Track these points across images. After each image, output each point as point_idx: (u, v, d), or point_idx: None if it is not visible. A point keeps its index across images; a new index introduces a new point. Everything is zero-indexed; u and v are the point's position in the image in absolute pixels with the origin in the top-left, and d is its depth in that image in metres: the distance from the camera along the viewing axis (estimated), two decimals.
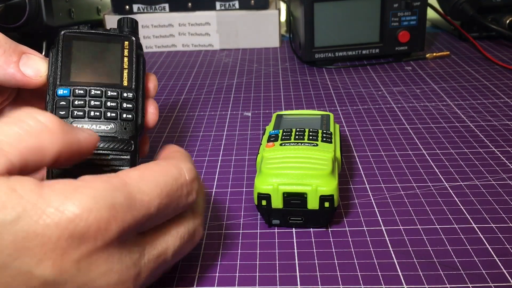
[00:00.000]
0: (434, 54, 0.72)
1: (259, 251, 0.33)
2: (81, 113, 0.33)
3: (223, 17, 0.81)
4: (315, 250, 0.33)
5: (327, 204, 0.33)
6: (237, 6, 0.80)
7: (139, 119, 0.34)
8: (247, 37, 0.82)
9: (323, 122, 0.41)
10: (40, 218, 0.22)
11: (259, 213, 0.36)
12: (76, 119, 0.33)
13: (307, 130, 0.38)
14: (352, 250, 0.33)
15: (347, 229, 0.35)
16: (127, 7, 0.81)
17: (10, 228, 0.21)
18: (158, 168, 0.26)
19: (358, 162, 0.44)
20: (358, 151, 0.46)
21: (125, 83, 0.34)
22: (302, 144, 0.36)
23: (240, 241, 0.34)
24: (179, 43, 0.83)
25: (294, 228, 0.35)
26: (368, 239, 0.34)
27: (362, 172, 0.42)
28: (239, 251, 0.33)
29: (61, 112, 0.33)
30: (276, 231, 0.35)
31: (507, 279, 0.29)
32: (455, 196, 0.38)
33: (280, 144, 0.37)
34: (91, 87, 0.33)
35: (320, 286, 0.30)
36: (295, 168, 0.34)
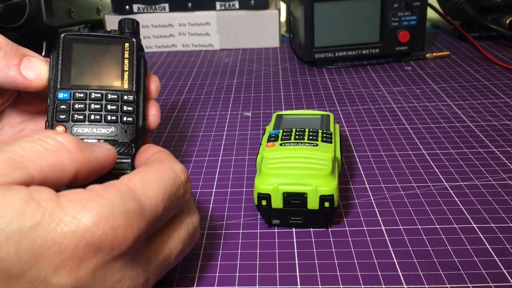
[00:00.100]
0: (434, 54, 0.72)
1: (259, 251, 0.33)
2: (81, 116, 0.33)
3: (223, 17, 0.81)
4: (315, 250, 0.33)
5: (327, 204, 0.33)
6: (237, 6, 0.80)
7: (140, 121, 0.34)
8: (247, 37, 0.82)
9: (323, 122, 0.41)
10: (58, 226, 0.22)
11: (259, 213, 0.36)
12: (76, 123, 0.33)
13: (307, 130, 0.38)
14: (352, 250, 0.33)
15: (347, 229, 0.35)
16: (127, 7, 0.81)
17: (29, 235, 0.21)
18: (156, 172, 0.27)
19: (358, 162, 0.44)
20: (358, 151, 0.46)
21: (125, 86, 0.34)
22: (302, 144, 0.36)
23: (240, 241, 0.34)
24: (179, 43, 0.83)
25: (294, 228, 0.35)
26: (368, 239, 0.34)
27: (362, 172, 0.42)
28: (239, 251, 0.33)
29: (61, 116, 0.33)
30: (276, 231, 0.35)
31: (507, 279, 0.29)
32: (455, 196, 0.38)
33: (280, 144, 0.37)
34: (91, 90, 0.33)
35: (320, 286, 0.30)
36: (295, 168, 0.34)
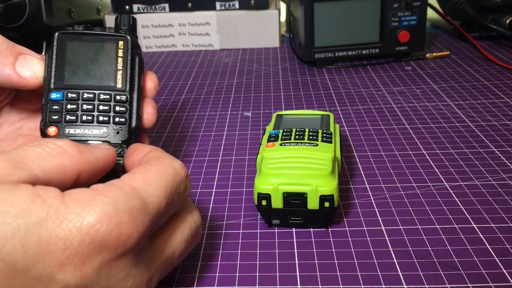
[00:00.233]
0: (434, 54, 0.72)
1: (259, 251, 0.33)
2: (73, 117, 0.32)
3: (223, 17, 0.81)
4: (315, 250, 0.33)
5: (327, 204, 0.33)
6: (237, 6, 0.80)
7: (133, 122, 0.33)
8: (247, 37, 0.82)
9: (323, 122, 0.41)
10: (62, 223, 0.22)
11: (259, 213, 0.36)
12: (68, 124, 0.33)
13: (307, 130, 0.38)
14: (352, 250, 0.33)
15: (347, 229, 0.35)
16: (127, 7, 0.81)
17: (34, 231, 0.22)
18: (156, 169, 0.27)
19: (358, 162, 0.44)
20: (358, 151, 0.46)
21: (118, 85, 0.33)
22: (302, 144, 0.36)
23: (240, 241, 0.34)
24: (179, 43, 0.83)
25: (294, 228, 0.35)
26: (368, 239, 0.34)
27: (362, 172, 0.42)
28: (239, 251, 0.33)
29: (54, 117, 0.32)
30: (276, 231, 0.35)
31: (507, 279, 0.29)
32: (455, 196, 0.38)
33: (280, 144, 0.37)
34: (84, 90, 0.33)
35: (320, 286, 0.30)
36: (295, 168, 0.34)
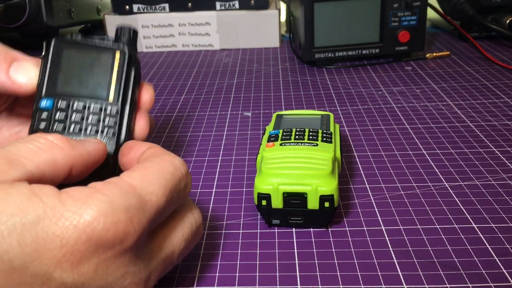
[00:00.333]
0: (434, 54, 0.72)
1: (259, 251, 0.33)
2: (61, 127, 0.32)
3: (223, 17, 0.81)
4: (315, 250, 0.33)
5: (327, 204, 0.33)
6: (237, 6, 0.80)
7: (122, 135, 0.33)
8: (247, 37, 0.82)
9: (323, 122, 0.41)
10: (59, 221, 0.22)
11: (259, 213, 0.36)
12: (55, 133, 0.31)
13: (307, 130, 0.38)
14: (352, 250, 0.33)
15: (347, 229, 0.35)
16: (127, 7, 0.81)
17: (31, 229, 0.22)
18: (155, 166, 0.27)
19: (358, 162, 0.44)
20: (358, 151, 0.46)
21: (110, 97, 0.33)
22: (302, 144, 0.36)
23: (240, 241, 0.34)
24: (179, 43, 0.83)
25: (294, 228, 0.35)
26: (368, 239, 0.34)
27: (362, 172, 0.42)
28: (239, 251, 0.33)
29: (41, 125, 0.32)
30: (276, 231, 0.35)
31: (507, 279, 0.29)
32: (455, 196, 0.38)
33: (280, 144, 0.37)
34: (75, 100, 0.32)
35: (320, 286, 0.30)
36: (295, 168, 0.34)
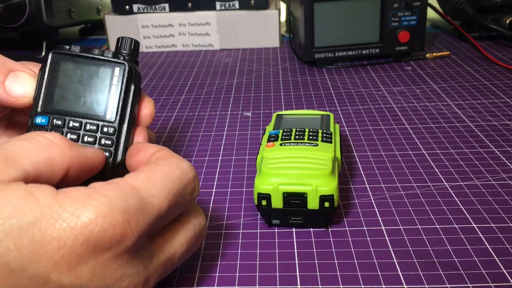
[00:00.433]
0: (434, 54, 0.72)
1: (259, 251, 0.33)
2: None
3: (223, 17, 0.81)
4: (315, 250, 0.33)
5: (327, 204, 0.33)
6: (237, 6, 0.80)
7: (118, 156, 0.31)
8: (247, 37, 0.82)
9: (323, 122, 0.41)
10: (56, 222, 0.22)
11: (259, 213, 0.36)
12: None
13: (307, 130, 0.38)
14: (352, 250, 0.33)
15: (347, 229, 0.35)
16: (127, 7, 0.81)
17: (28, 231, 0.22)
18: (162, 169, 0.26)
19: (358, 162, 0.44)
20: (358, 151, 0.46)
21: (108, 116, 0.31)
22: (302, 144, 0.36)
23: (240, 241, 0.34)
24: (179, 43, 0.83)
25: (294, 228, 0.35)
26: (368, 239, 0.34)
27: (362, 172, 0.42)
28: (239, 251, 0.33)
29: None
30: (276, 231, 0.35)
31: (507, 279, 0.29)
32: (455, 196, 0.38)
33: (280, 144, 0.37)
34: (70, 118, 0.31)
35: (320, 286, 0.30)
36: (295, 168, 0.34)
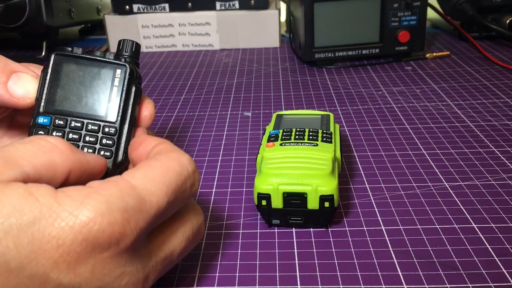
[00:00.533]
0: (434, 54, 0.72)
1: (259, 251, 0.33)
2: None
3: (223, 17, 0.81)
4: (315, 250, 0.33)
5: (327, 204, 0.33)
6: (237, 6, 0.80)
7: (119, 156, 0.32)
8: (247, 37, 0.82)
9: (323, 122, 0.41)
10: (55, 221, 0.22)
11: (259, 213, 0.36)
12: None
13: (307, 130, 0.38)
14: (352, 250, 0.33)
15: (347, 229, 0.35)
16: (127, 7, 0.81)
17: (27, 230, 0.22)
18: (160, 165, 0.26)
19: (358, 162, 0.44)
20: (358, 151, 0.46)
21: (109, 116, 0.32)
22: (302, 144, 0.36)
23: (240, 241, 0.34)
24: (179, 43, 0.83)
25: (294, 228, 0.35)
26: (368, 239, 0.34)
27: (362, 172, 0.42)
28: (239, 251, 0.33)
29: None
30: (276, 231, 0.35)
31: (507, 279, 0.29)
32: (455, 196, 0.38)
33: (280, 144, 0.37)
34: (72, 118, 0.32)
35: (320, 286, 0.30)
36: (295, 168, 0.34)
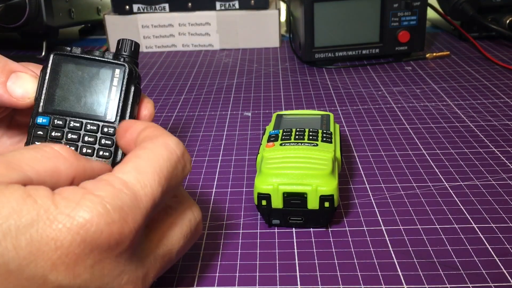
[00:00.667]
0: (434, 54, 0.72)
1: (259, 251, 0.33)
2: None
3: (223, 17, 0.81)
4: (315, 250, 0.33)
5: (327, 204, 0.33)
6: (237, 6, 0.80)
7: (118, 156, 0.32)
8: (247, 37, 0.82)
9: (323, 122, 0.41)
10: (52, 224, 0.22)
11: (259, 213, 0.36)
12: None
13: (307, 130, 0.38)
14: (352, 250, 0.33)
15: (347, 229, 0.35)
16: (127, 7, 0.81)
17: (25, 232, 0.22)
18: (148, 154, 0.26)
19: (358, 162, 0.44)
20: (358, 151, 0.46)
21: (108, 116, 0.32)
22: (302, 144, 0.36)
23: (240, 241, 0.34)
24: (179, 43, 0.83)
25: (294, 228, 0.35)
26: (368, 239, 0.34)
27: (362, 172, 0.42)
28: (239, 251, 0.33)
29: (37, 143, 0.31)
30: (276, 231, 0.35)
31: (507, 279, 0.29)
32: (455, 196, 0.38)
33: (280, 144, 0.37)
34: (71, 118, 0.32)
35: (320, 286, 0.30)
36: (295, 168, 0.34)
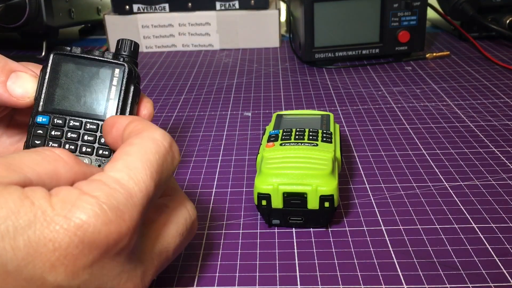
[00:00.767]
0: (434, 54, 0.72)
1: (259, 251, 0.33)
2: (55, 145, 0.31)
3: (223, 17, 0.81)
4: (315, 250, 0.33)
5: (327, 204, 0.33)
6: (237, 6, 0.80)
7: None
8: (247, 37, 0.82)
9: (323, 122, 0.41)
10: (49, 225, 0.22)
11: (259, 213, 0.36)
12: None
13: (307, 130, 0.38)
14: (352, 250, 0.33)
15: (347, 229, 0.35)
16: (127, 7, 0.81)
17: (23, 233, 0.22)
18: (136, 149, 0.26)
19: (358, 162, 0.44)
20: (358, 151, 0.46)
21: (107, 116, 0.32)
22: (302, 144, 0.36)
23: (240, 241, 0.34)
24: (179, 43, 0.83)
25: (294, 228, 0.35)
26: (368, 239, 0.34)
27: (362, 172, 0.42)
28: (239, 251, 0.33)
29: (37, 142, 0.31)
30: (276, 231, 0.35)
31: (507, 279, 0.29)
32: (455, 196, 0.38)
33: (280, 144, 0.37)
34: (71, 118, 0.32)
35: (320, 286, 0.30)
36: (295, 168, 0.34)
